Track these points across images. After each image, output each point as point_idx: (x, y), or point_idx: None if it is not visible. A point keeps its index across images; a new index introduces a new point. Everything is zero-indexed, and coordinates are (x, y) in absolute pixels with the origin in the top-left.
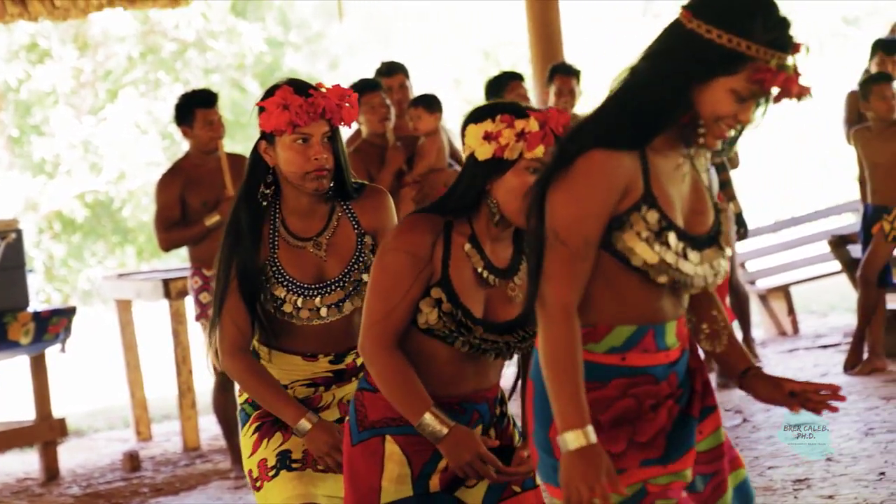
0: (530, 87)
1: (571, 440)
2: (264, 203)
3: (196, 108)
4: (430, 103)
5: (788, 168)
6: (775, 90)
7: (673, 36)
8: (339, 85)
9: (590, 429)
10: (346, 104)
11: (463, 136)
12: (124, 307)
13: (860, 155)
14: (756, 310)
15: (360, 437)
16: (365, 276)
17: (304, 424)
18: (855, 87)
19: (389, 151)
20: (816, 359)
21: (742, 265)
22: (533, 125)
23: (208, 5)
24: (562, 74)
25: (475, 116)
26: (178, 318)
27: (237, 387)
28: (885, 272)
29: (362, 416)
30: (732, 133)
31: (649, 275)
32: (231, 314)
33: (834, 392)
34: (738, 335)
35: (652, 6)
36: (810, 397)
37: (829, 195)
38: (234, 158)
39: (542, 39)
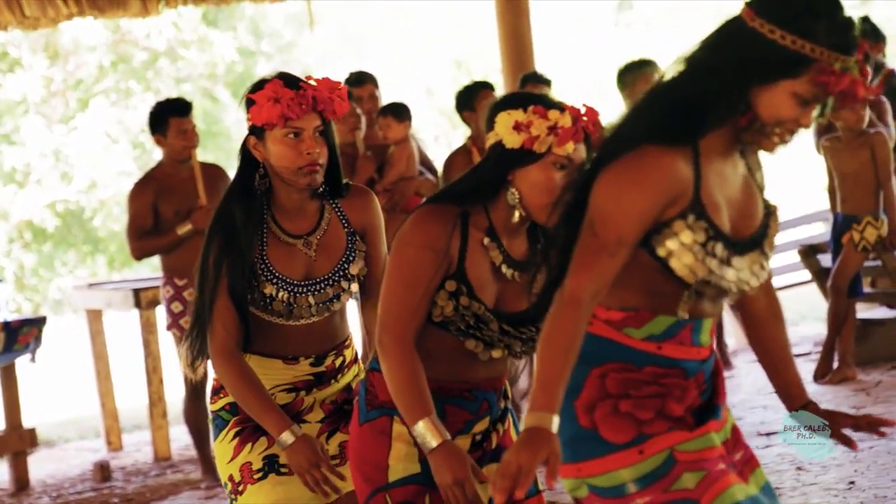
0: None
1: (530, 420)
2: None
3: (170, 116)
4: (400, 112)
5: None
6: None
7: (734, 33)
8: (328, 77)
9: (554, 418)
10: (338, 97)
11: (491, 122)
12: (95, 317)
13: (829, 165)
14: (728, 318)
15: (368, 416)
16: (354, 269)
17: (287, 437)
18: None
19: (360, 160)
20: None
21: None
22: (566, 120)
23: (179, 14)
24: (533, 84)
25: (507, 104)
26: (148, 328)
27: (209, 396)
28: (855, 282)
29: (372, 395)
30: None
31: (689, 280)
32: (221, 315)
33: (886, 423)
34: None
35: (624, 16)
36: (862, 426)
37: (799, 205)
38: (208, 168)
39: (513, 49)
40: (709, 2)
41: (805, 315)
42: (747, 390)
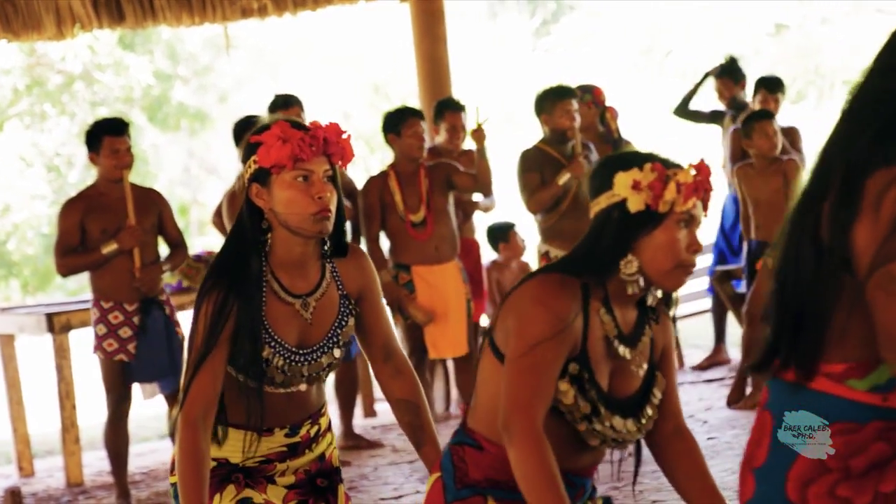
0: None
1: None
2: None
3: (104, 135)
4: None
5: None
6: None
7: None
8: (334, 122)
9: None
10: (346, 142)
11: (603, 183)
12: (7, 342)
13: (743, 191)
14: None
15: (457, 495)
16: (345, 337)
17: None
18: (738, 124)
19: None
20: (701, 393)
21: None
22: (687, 175)
23: (95, 38)
24: (452, 111)
25: (620, 163)
26: (61, 353)
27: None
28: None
29: (462, 472)
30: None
31: None
32: (212, 374)
33: None
34: None
35: (542, 41)
36: None
37: (713, 231)
38: (140, 190)
39: (430, 73)
40: (627, 26)
41: None
42: (695, 407)
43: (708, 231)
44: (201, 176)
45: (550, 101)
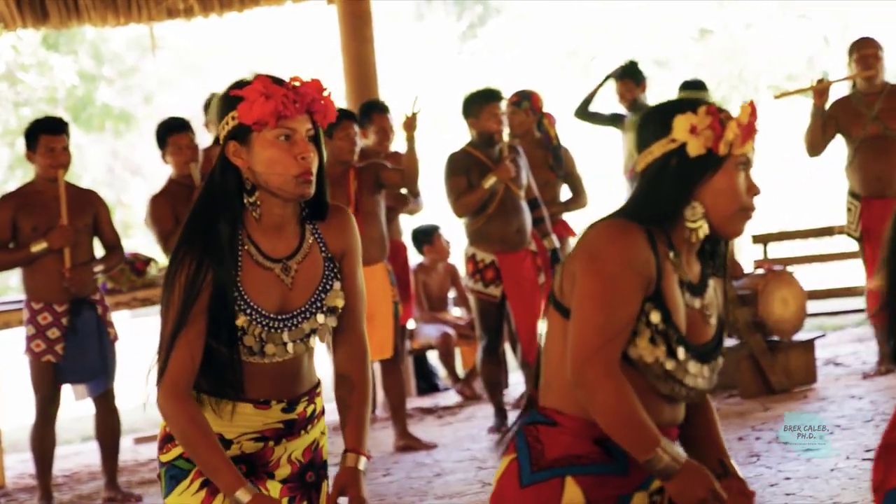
0: None
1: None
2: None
3: (41, 133)
4: None
5: (604, 206)
6: None
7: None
8: (315, 78)
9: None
10: (328, 99)
11: (657, 131)
12: None
13: None
14: None
15: (533, 478)
16: (339, 302)
17: (242, 496)
18: None
19: (196, 191)
20: None
21: None
22: (743, 116)
23: (19, 37)
24: (379, 113)
25: (675, 108)
26: None
27: (159, 443)
28: None
29: (538, 453)
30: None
31: None
32: (190, 346)
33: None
34: None
35: (468, 45)
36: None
37: None
38: (77, 190)
39: (356, 75)
40: (553, 30)
41: None
42: None
43: None
44: (125, 177)
45: (478, 105)
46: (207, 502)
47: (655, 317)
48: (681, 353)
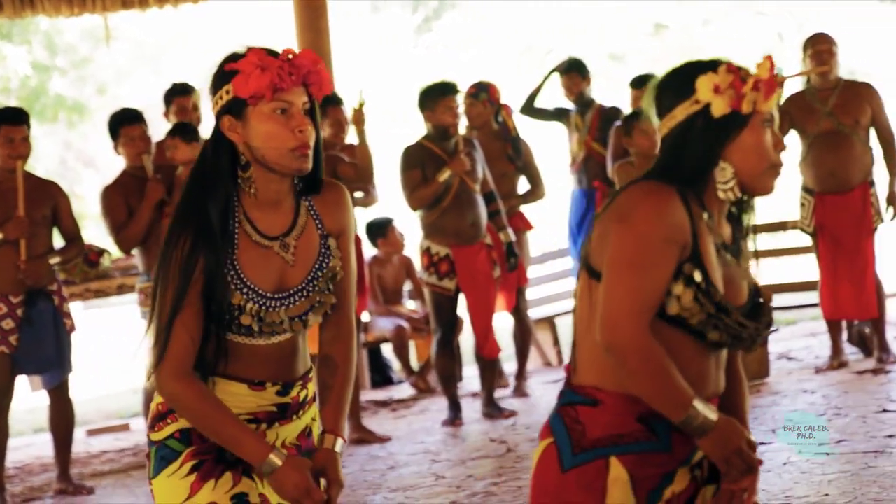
0: None
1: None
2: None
3: (0, 123)
4: (187, 133)
5: (555, 200)
6: None
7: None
8: (307, 49)
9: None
10: (322, 70)
11: (680, 92)
12: None
13: None
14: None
15: (575, 461)
16: (328, 278)
17: (273, 462)
18: (619, 122)
19: (149, 183)
20: None
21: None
22: (764, 71)
23: None
24: (334, 105)
25: (696, 69)
26: None
27: (148, 422)
28: None
29: (578, 434)
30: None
31: None
32: (187, 328)
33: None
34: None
35: (423, 39)
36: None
37: (565, 233)
38: (37, 181)
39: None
40: (508, 24)
41: None
42: (542, 411)
43: (559, 235)
44: (78, 168)
45: (433, 98)
46: (196, 487)
47: (698, 276)
48: (729, 307)
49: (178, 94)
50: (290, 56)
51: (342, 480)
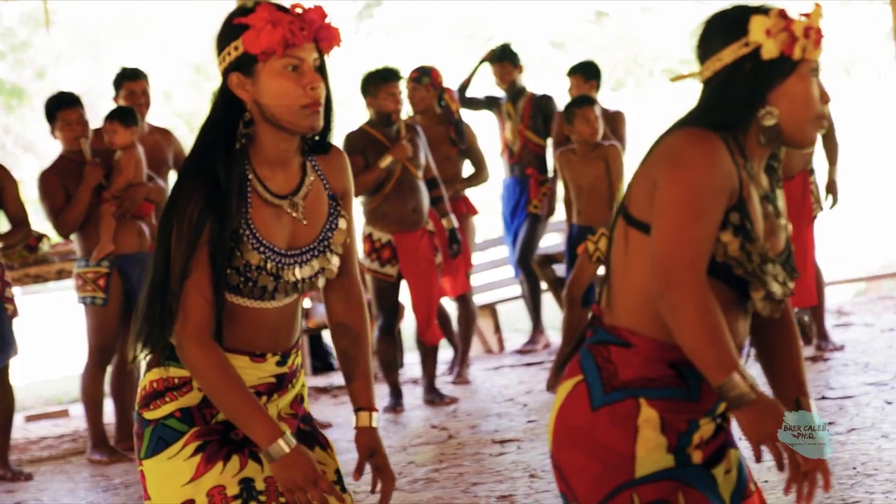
0: None
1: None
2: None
3: None
4: (126, 117)
5: (495, 188)
6: None
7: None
8: (318, 5)
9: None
10: (331, 25)
11: (730, 34)
12: None
13: (565, 177)
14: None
15: (605, 399)
16: (338, 239)
17: (280, 448)
18: (560, 109)
19: (87, 167)
20: (521, 376)
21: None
22: (816, 19)
23: None
24: None
25: (749, 11)
26: None
27: (142, 400)
28: (589, 292)
29: (609, 373)
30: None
31: None
32: (197, 291)
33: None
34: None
35: (364, 24)
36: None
37: (499, 222)
38: None
39: None
40: (450, 11)
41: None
42: (483, 398)
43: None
44: (17, 153)
45: (375, 84)
46: (203, 470)
47: (747, 224)
48: (772, 259)
49: (128, 79)
50: (300, 11)
51: (393, 473)
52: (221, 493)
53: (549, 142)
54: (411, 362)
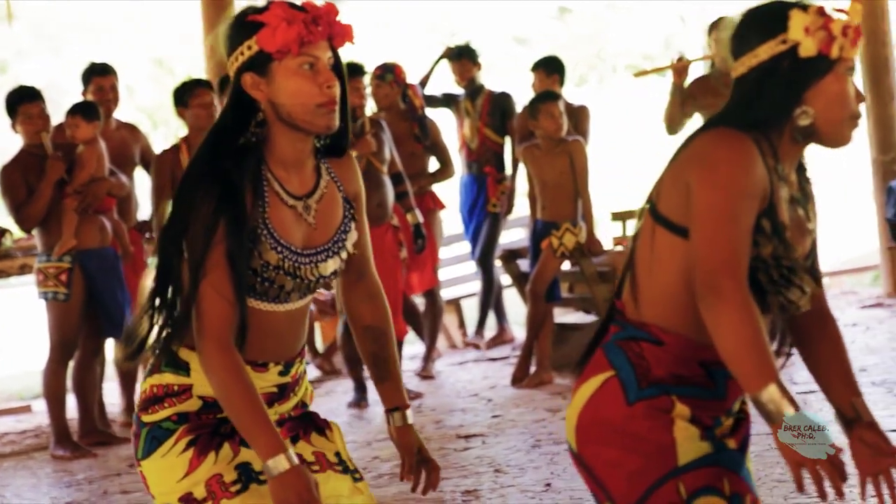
0: None
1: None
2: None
3: None
4: (88, 111)
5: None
6: None
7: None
8: (329, 2)
9: None
10: (343, 21)
11: (768, 32)
12: None
13: (529, 172)
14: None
15: (641, 394)
16: (350, 241)
17: (280, 463)
18: (521, 106)
19: (49, 161)
20: (485, 371)
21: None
22: (855, 18)
23: None
24: None
25: (788, 7)
26: None
27: (141, 405)
28: (552, 287)
29: (644, 369)
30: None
31: None
32: (219, 290)
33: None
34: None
35: None
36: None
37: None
38: None
39: (217, 49)
40: (414, 6)
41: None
42: (447, 393)
43: (454, 221)
44: None
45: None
46: (196, 463)
47: (778, 228)
48: (800, 266)
49: (97, 74)
50: (317, 7)
51: (437, 462)
52: (220, 481)
53: (507, 140)
54: None
